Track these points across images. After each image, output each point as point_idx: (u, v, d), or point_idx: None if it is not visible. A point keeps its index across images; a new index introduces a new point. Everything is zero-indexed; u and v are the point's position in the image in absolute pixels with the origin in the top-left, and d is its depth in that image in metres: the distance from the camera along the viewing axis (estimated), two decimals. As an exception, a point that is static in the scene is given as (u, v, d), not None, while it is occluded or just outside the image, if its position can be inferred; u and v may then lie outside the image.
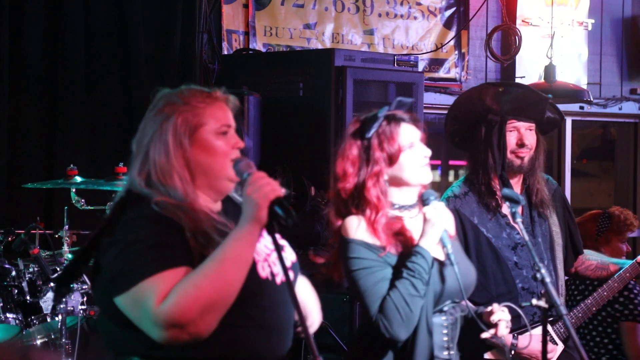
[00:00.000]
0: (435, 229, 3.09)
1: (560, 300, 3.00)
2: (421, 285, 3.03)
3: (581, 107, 8.06)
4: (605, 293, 4.21)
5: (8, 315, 4.63)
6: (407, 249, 3.11)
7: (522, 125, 3.98)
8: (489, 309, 3.16)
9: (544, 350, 3.10)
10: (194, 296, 2.31)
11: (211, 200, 2.57)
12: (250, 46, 6.38)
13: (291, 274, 2.59)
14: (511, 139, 3.97)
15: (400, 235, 3.13)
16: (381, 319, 3.04)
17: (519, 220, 3.12)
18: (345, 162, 3.19)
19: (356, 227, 3.11)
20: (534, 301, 3.03)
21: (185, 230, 2.41)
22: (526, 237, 3.13)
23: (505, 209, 3.93)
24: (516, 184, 4.04)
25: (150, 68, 5.91)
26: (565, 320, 2.95)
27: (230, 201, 2.65)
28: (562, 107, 7.82)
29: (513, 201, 3.15)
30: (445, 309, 3.15)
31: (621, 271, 4.18)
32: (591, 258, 4.31)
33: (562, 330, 4.04)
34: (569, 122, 8.23)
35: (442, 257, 3.18)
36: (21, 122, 5.54)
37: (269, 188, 2.50)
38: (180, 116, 2.51)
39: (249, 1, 6.42)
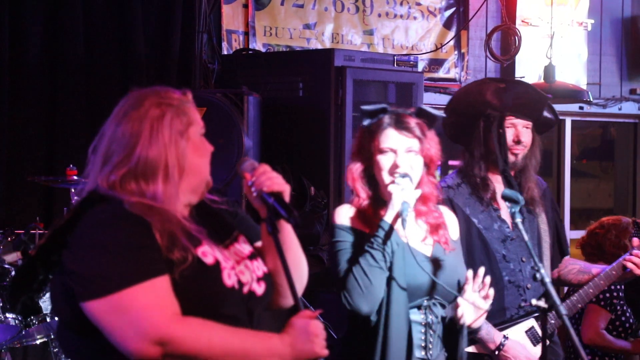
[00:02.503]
0: (395, 204, 3.11)
1: (559, 300, 3.00)
2: (380, 256, 3.09)
3: (581, 107, 8.07)
4: (591, 290, 4.20)
5: (8, 315, 4.63)
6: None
7: (520, 122, 4.00)
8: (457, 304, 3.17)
9: (544, 350, 3.11)
10: (202, 348, 2.28)
11: (186, 202, 2.49)
12: (250, 46, 6.38)
13: (262, 285, 2.53)
14: (508, 135, 3.99)
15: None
16: (343, 292, 3.13)
17: (518, 220, 3.13)
18: (352, 145, 3.31)
19: (342, 214, 3.24)
20: (534, 301, 3.04)
21: (153, 228, 2.33)
22: (526, 237, 3.13)
23: (501, 203, 3.95)
24: None
25: (150, 68, 5.91)
26: (565, 320, 2.95)
27: (202, 209, 2.56)
28: (562, 107, 7.89)
29: (513, 201, 3.17)
30: (425, 304, 3.17)
31: (607, 269, 4.18)
32: (576, 262, 4.31)
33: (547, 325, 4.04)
34: (568, 122, 8.24)
35: (428, 252, 3.21)
36: (21, 122, 5.54)
37: (271, 182, 2.49)
38: (173, 114, 2.44)
39: (249, 1, 6.42)
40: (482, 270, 3.18)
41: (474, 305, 3.14)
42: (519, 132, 3.99)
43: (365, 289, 3.09)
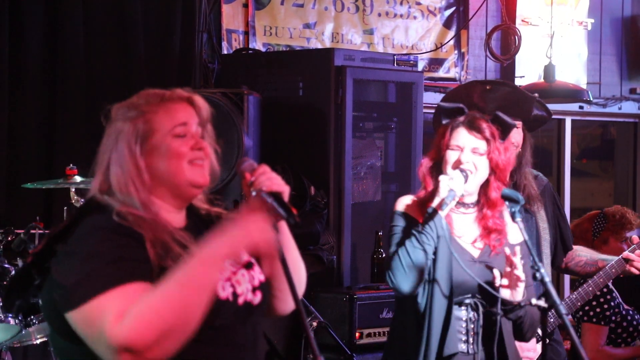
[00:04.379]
0: (442, 191, 3.26)
1: (559, 300, 3.00)
2: (424, 239, 3.25)
3: (581, 107, 8.06)
4: (590, 288, 4.21)
5: (8, 315, 4.63)
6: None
7: None
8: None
9: (544, 348, 3.11)
10: (152, 321, 2.16)
11: (175, 210, 2.47)
12: (250, 46, 6.38)
13: (259, 295, 2.52)
14: None
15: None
16: (388, 271, 3.30)
17: (518, 219, 3.13)
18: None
19: (402, 202, 3.41)
20: (534, 301, 3.04)
21: (146, 241, 2.31)
22: (526, 237, 3.14)
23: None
24: None
25: (150, 68, 5.90)
26: (565, 320, 2.95)
27: (197, 216, 2.55)
28: (562, 106, 7.89)
29: (512, 201, 3.17)
30: (468, 301, 3.30)
31: (607, 267, 4.19)
32: (581, 254, 4.32)
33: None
34: (568, 121, 8.24)
35: (475, 255, 3.33)
36: (21, 122, 5.54)
37: (271, 182, 2.49)
38: (132, 125, 2.42)
39: (249, 1, 6.42)
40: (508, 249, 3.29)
41: (508, 285, 3.24)
42: None
43: (407, 268, 3.25)
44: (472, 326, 3.30)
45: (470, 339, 3.30)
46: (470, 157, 3.31)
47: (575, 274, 4.36)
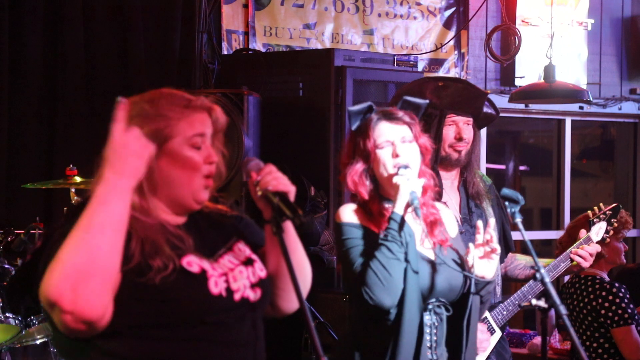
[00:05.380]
0: (403, 195, 3.12)
1: (559, 300, 3.00)
2: (396, 248, 3.08)
3: (581, 107, 8.06)
4: (537, 287, 4.20)
5: (8, 315, 4.63)
6: None
7: (461, 119, 4.03)
8: None
9: (544, 348, 3.11)
10: (58, 269, 2.20)
11: (172, 213, 2.48)
12: (250, 46, 6.38)
13: (258, 291, 2.51)
14: (449, 133, 4.02)
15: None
16: (364, 287, 3.09)
17: (518, 220, 3.12)
18: (343, 152, 3.30)
19: (348, 212, 3.22)
20: (534, 301, 3.03)
21: (132, 238, 2.32)
22: (526, 238, 3.13)
23: (451, 197, 3.98)
24: (454, 177, 4.10)
25: (150, 68, 5.91)
26: (565, 320, 2.95)
27: (201, 216, 2.56)
28: (562, 107, 7.89)
29: (512, 201, 3.15)
30: (430, 307, 3.17)
31: (555, 261, 4.18)
32: (520, 258, 4.32)
33: (499, 317, 4.06)
34: (568, 122, 8.24)
35: (432, 256, 3.21)
36: (21, 122, 5.54)
37: (277, 182, 2.49)
38: (153, 125, 2.42)
39: (249, 1, 6.42)
40: (481, 223, 3.23)
41: (483, 255, 3.19)
42: (460, 129, 4.03)
43: (385, 282, 3.06)
44: (435, 331, 3.17)
45: (434, 345, 3.17)
46: (403, 148, 3.16)
47: (514, 279, 4.33)
